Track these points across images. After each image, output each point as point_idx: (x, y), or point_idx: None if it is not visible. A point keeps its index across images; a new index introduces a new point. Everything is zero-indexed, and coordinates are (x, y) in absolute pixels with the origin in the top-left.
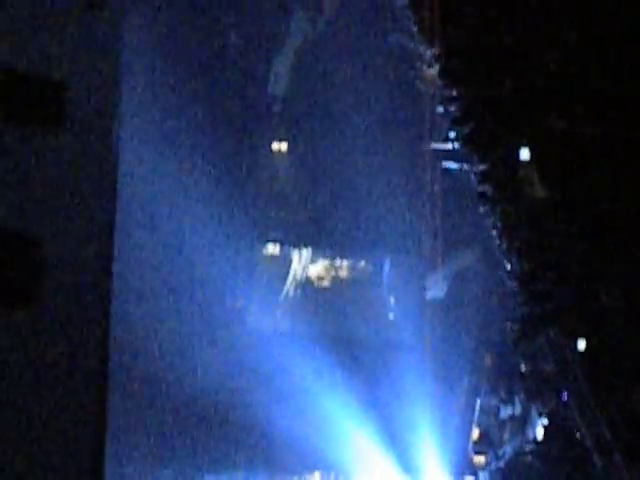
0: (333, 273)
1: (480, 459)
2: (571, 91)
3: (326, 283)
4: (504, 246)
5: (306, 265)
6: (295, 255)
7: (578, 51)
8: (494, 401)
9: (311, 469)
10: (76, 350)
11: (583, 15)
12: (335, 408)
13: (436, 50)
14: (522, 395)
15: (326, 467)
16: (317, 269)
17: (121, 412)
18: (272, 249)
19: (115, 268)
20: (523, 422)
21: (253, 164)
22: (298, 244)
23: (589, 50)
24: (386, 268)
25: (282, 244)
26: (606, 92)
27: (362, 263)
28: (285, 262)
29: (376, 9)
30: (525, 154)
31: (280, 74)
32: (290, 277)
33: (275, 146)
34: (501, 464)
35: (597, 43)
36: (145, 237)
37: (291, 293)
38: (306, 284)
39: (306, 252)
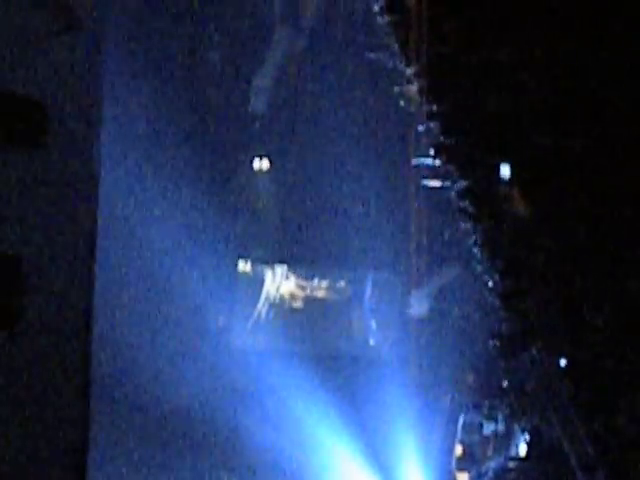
0: (308, 292)
1: (463, 476)
2: (555, 108)
3: (299, 303)
4: (486, 263)
5: (279, 284)
6: (269, 273)
7: (562, 68)
8: (477, 418)
9: None
10: (57, 371)
11: (569, 33)
12: (317, 426)
13: (417, 67)
14: (505, 412)
15: None
16: (290, 288)
17: (102, 433)
18: (247, 267)
19: (95, 286)
20: (506, 439)
21: (234, 181)
22: (279, 262)
23: (574, 67)
24: (367, 289)
25: (263, 262)
26: (591, 108)
27: (341, 282)
28: (265, 280)
29: (357, 26)
30: (506, 171)
31: (261, 91)
32: (263, 296)
33: (256, 163)
34: None
35: (584, 60)
36: (125, 255)
37: (264, 313)
38: (280, 303)
39: (280, 270)
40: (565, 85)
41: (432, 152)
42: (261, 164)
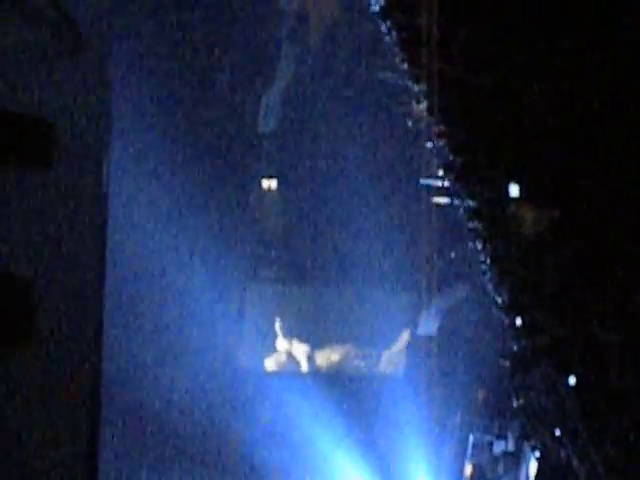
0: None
1: None
2: (564, 127)
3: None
4: (495, 281)
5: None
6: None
7: (572, 88)
8: (487, 437)
9: None
10: (68, 389)
11: (580, 52)
12: (327, 446)
13: (425, 86)
14: (515, 431)
15: None
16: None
17: (110, 449)
18: (256, 286)
19: (105, 305)
20: (516, 457)
21: (242, 201)
22: (288, 281)
23: (585, 86)
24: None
25: (272, 282)
26: (602, 127)
27: (350, 301)
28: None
29: (364, 45)
30: (515, 190)
31: (269, 110)
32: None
33: (265, 183)
34: None
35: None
36: (134, 274)
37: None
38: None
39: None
40: (575, 104)
41: (441, 171)
42: (270, 184)
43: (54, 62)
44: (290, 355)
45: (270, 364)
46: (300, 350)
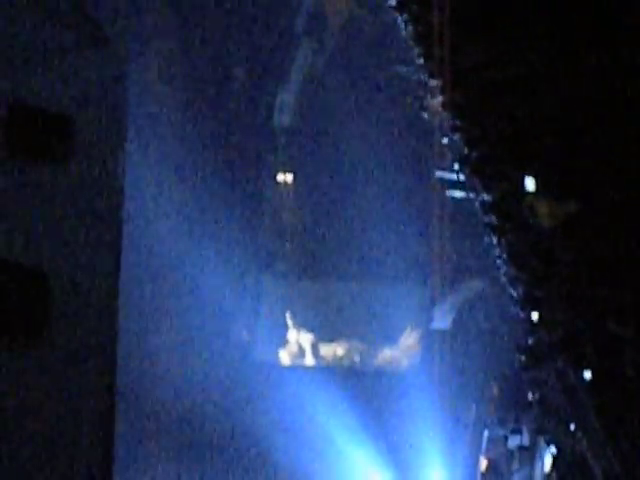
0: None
1: None
2: (581, 121)
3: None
4: (510, 275)
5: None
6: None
7: (588, 82)
8: (502, 431)
9: None
10: (83, 381)
11: (595, 48)
12: (342, 440)
13: (441, 80)
14: (530, 425)
15: None
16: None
17: (125, 445)
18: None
19: (120, 301)
20: (531, 453)
21: (258, 195)
22: (303, 276)
23: (600, 81)
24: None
25: (287, 276)
26: (619, 121)
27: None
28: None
29: (381, 39)
30: (531, 184)
31: (285, 105)
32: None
33: (280, 177)
34: None
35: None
36: (149, 268)
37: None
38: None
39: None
40: (592, 98)
41: (456, 165)
42: (285, 178)
43: (72, 58)
44: (303, 348)
45: (285, 357)
46: (313, 343)
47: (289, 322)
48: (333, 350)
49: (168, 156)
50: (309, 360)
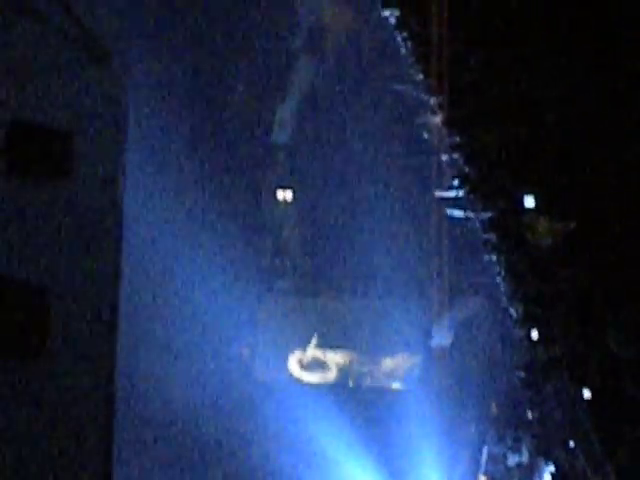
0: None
1: None
2: (580, 139)
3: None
4: (509, 293)
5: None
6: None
7: (587, 100)
8: (501, 449)
9: None
10: (82, 400)
11: (593, 65)
12: (341, 457)
13: (440, 98)
14: (529, 443)
15: None
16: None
17: (126, 462)
18: (271, 298)
19: (120, 318)
20: (530, 470)
21: (258, 212)
22: (303, 293)
23: (599, 99)
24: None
25: (287, 294)
26: (618, 140)
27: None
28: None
29: (379, 57)
30: (530, 202)
31: (284, 121)
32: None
33: (280, 194)
34: None
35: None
36: (149, 285)
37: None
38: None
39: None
40: (591, 117)
41: (456, 183)
42: (285, 195)
43: (72, 73)
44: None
45: (300, 373)
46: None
47: (313, 341)
48: (340, 367)
49: (167, 173)
50: (329, 375)
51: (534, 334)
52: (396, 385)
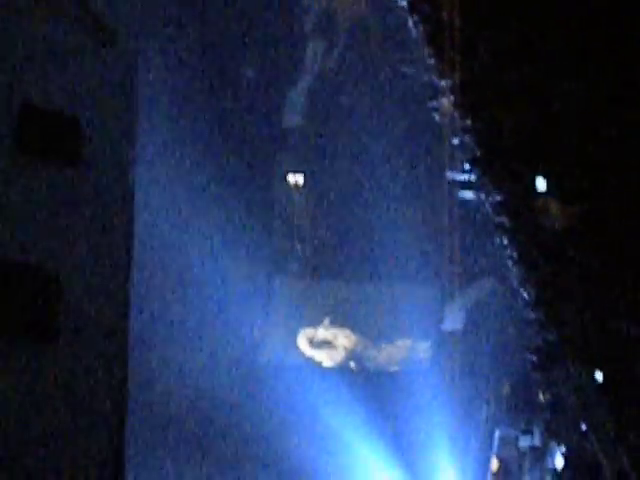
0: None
1: None
2: (591, 122)
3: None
4: (521, 276)
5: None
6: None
7: (596, 83)
8: (513, 431)
9: None
10: (94, 386)
11: (604, 48)
12: (352, 439)
13: (451, 81)
14: (541, 426)
15: None
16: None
17: (137, 441)
18: (282, 281)
19: (131, 303)
20: (542, 453)
21: (268, 196)
22: (314, 276)
23: (609, 82)
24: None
25: (297, 277)
26: (631, 123)
27: (375, 294)
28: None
29: (391, 40)
30: (541, 185)
31: (295, 105)
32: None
33: (291, 178)
34: None
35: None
36: (160, 270)
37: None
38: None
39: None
40: (604, 101)
41: (467, 166)
42: (296, 179)
43: (81, 58)
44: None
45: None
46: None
47: (326, 322)
48: (353, 350)
49: (178, 157)
50: (337, 356)
51: (545, 316)
52: (408, 367)
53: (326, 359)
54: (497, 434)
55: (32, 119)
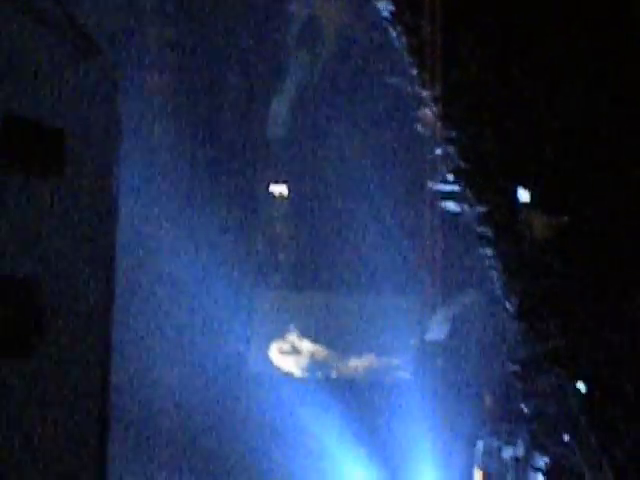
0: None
1: None
2: (575, 133)
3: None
4: (504, 287)
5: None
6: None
7: (584, 93)
8: (496, 443)
9: None
10: (77, 397)
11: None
12: (335, 449)
13: (434, 91)
14: (524, 437)
15: None
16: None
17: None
18: (264, 293)
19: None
20: (526, 464)
21: (251, 207)
22: (297, 288)
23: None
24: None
25: (280, 288)
26: (613, 133)
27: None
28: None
29: (375, 51)
30: (525, 196)
31: (279, 116)
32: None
33: (274, 188)
34: None
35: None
36: (142, 281)
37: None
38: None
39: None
40: (586, 110)
41: (450, 177)
42: (279, 190)
43: (64, 68)
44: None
45: (295, 369)
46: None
47: (293, 330)
48: (332, 362)
49: (160, 166)
50: (301, 360)
51: (528, 327)
52: (389, 380)
53: (291, 363)
54: (480, 445)
55: (14, 131)
